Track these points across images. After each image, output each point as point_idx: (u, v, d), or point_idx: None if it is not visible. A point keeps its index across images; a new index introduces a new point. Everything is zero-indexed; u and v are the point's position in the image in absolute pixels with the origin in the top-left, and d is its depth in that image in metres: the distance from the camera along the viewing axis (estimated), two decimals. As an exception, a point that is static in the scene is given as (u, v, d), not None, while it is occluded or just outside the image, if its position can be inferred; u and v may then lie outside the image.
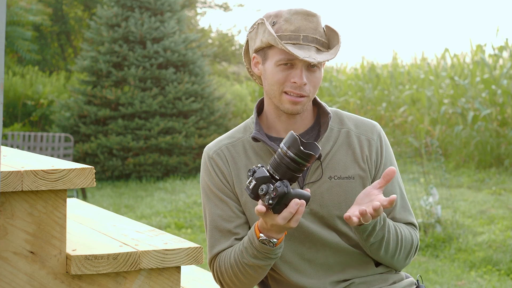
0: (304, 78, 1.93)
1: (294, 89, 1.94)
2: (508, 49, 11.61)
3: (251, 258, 1.91)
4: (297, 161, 1.74)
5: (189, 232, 7.11)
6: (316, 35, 1.95)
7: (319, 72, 1.97)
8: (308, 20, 1.95)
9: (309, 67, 1.94)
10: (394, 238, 1.98)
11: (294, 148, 1.74)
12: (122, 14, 11.35)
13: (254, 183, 1.77)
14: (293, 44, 1.92)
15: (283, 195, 1.74)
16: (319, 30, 1.96)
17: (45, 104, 13.37)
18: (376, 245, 1.96)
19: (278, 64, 1.94)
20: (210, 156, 2.06)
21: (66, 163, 1.81)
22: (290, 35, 1.93)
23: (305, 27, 1.94)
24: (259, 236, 1.87)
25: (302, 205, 1.76)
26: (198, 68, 11.55)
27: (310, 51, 1.92)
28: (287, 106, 1.97)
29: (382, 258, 2.01)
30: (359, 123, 2.09)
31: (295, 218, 1.77)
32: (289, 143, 1.75)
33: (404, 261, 2.05)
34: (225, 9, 21.27)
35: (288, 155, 1.75)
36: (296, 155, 1.74)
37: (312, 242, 2.01)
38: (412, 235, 2.05)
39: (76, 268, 1.71)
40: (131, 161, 10.76)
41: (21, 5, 14.15)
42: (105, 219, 2.27)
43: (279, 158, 1.76)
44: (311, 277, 2.02)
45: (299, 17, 1.94)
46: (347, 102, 13.65)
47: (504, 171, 9.70)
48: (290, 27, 1.94)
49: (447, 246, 6.01)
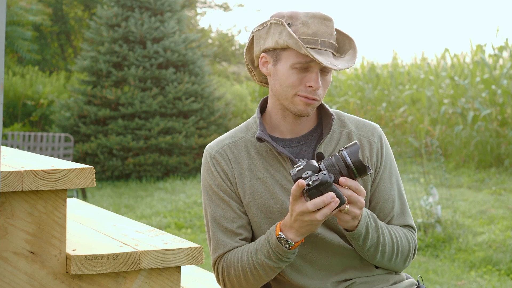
0: (319, 83, 1.93)
1: (308, 93, 1.94)
2: (508, 49, 11.61)
3: (264, 258, 1.91)
4: (351, 169, 1.81)
5: (189, 232, 7.11)
6: (332, 40, 1.95)
7: (329, 76, 1.98)
8: (324, 25, 1.94)
9: (324, 72, 1.95)
10: (390, 241, 1.99)
11: (353, 157, 1.80)
12: (122, 14, 11.35)
13: (301, 167, 1.81)
14: (311, 49, 1.91)
15: (324, 182, 1.78)
16: (334, 35, 1.97)
17: (45, 104, 13.37)
18: (372, 249, 1.96)
19: (294, 67, 1.93)
20: (212, 156, 2.05)
21: (66, 163, 1.81)
22: (308, 39, 1.92)
23: (322, 31, 1.93)
24: (278, 234, 1.87)
25: (335, 202, 1.77)
26: (198, 68, 11.55)
27: (328, 56, 1.92)
28: (300, 108, 1.96)
29: (380, 262, 2.02)
30: (360, 125, 2.09)
31: (323, 211, 1.78)
32: (351, 151, 1.81)
33: (402, 264, 2.06)
34: (225, 9, 21.27)
35: (346, 161, 1.81)
36: (353, 163, 1.81)
37: (314, 243, 2.01)
38: (409, 238, 2.05)
39: (76, 268, 1.71)
40: (131, 161, 10.77)
41: (21, 5, 14.15)
42: (105, 219, 2.26)
43: (335, 160, 1.82)
44: (312, 277, 2.03)
45: (316, 21, 1.93)
46: (347, 102, 13.65)
47: (504, 171, 9.71)
48: (308, 30, 1.92)
49: (447, 246, 6.01)
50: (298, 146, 2.03)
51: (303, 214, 1.80)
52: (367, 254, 1.98)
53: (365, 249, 1.96)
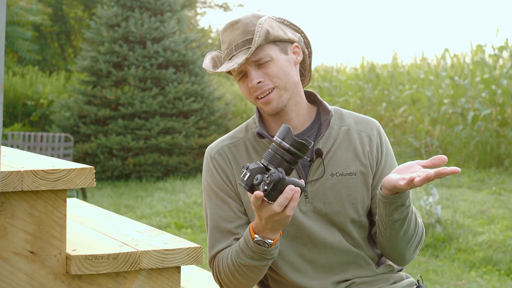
0: (254, 79, 1.96)
1: (255, 92, 1.98)
2: (508, 49, 11.61)
3: (247, 259, 1.91)
4: (292, 151, 1.76)
5: (189, 232, 7.11)
6: (247, 36, 1.97)
7: (272, 63, 1.97)
8: (234, 30, 1.98)
9: (259, 65, 1.97)
10: (414, 221, 1.99)
11: (289, 139, 1.76)
12: (122, 14, 11.35)
13: (249, 174, 1.78)
14: (229, 60, 1.97)
15: (278, 181, 1.75)
16: (249, 30, 1.97)
17: (45, 104, 13.37)
18: (399, 223, 1.95)
19: (237, 80, 2.01)
20: (212, 156, 2.07)
21: (66, 163, 1.81)
22: (227, 52, 1.99)
23: (233, 37, 1.98)
24: (253, 237, 1.87)
25: (297, 191, 1.76)
26: (198, 68, 11.55)
27: (239, 56, 1.95)
28: (265, 109, 2.00)
29: (400, 240, 1.99)
30: (359, 120, 2.10)
31: (290, 205, 1.77)
32: (283, 135, 1.77)
33: (414, 251, 2.05)
34: (225, 9, 21.27)
35: (282, 146, 1.77)
36: (291, 145, 1.76)
37: (314, 242, 2.02)
38: (422, 226, 2.06)
39: (76, 268, 1.71)
40: (131, 161, 10.77)
41: (21, 5, 14.15)
42: (105, 219, 2.27)
43: (273, 149, 1.78)
44: (312, 277, 2.03)
45: (227, 32, 2.00)
46: (347, 102, 13.65)
47: (504, 171, 9.70)
48: (225, 45, 2.00)
49: (447, 246, 6.01)
50: None
51: (272, 217, 1.80)
52: (391, 228, 1.96)
53: (392, 220, 1.93)
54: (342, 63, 16.65)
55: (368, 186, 2.04)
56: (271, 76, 1.96)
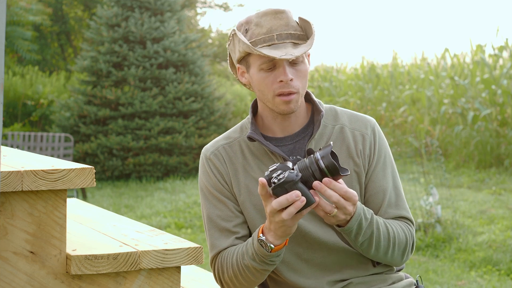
0: (289, 74, 1.93)
1: (283, 88, 1.95)
2: (508, 49, 11.61)
3: (249, 259, 1.91)
4: (324, 172, 1.78)
5: (189, 232, 7.11)
6: (289, 30, 1.95)
7: (303, 65, 1.97)
8: (277, 18, 1.96)
9: (292, 63, 1.95)
10: (385, 235, 1.97)
11: (327, 160, 1.78)
12: (122, 14, 11.35)
13: (275, 168, 1.80)
14: (268, 46, 1.93)
15: (290, 180, 1.76)
16: (292, 24, 1.97)
17: (45, 104, 13.37)
18: (366, 243, 1.95)
19: (261, 68, 1.96)
20: (207, 157, 2.07)
21: (66, 163, 1.81)
22: (264, 37, 1.94)
23: (276, 25, 1.95)
24: (259, 236, 1.87)
25: (301, 201, 1.76)
26: (198, 68, 11.55)
27: (286, 48, 1.93)
28: (282, 108, 1.97)
29: (375, 256, 2.00)
30: (354, 119, 2.09)
31: (289, 210, 1.77)
32: (324, 153, 1.79)
33: (401, 259, 2.04)
34: (225, 9, 21.27)
35: (319, 164, 1.78)
36: (326, 166, 1.78)
37: (309, 242, 2.01)
38: (405, 231, 2.03)
39: (76, 268, 1.71)
40: (131, 161, 10.77)
41: (21, 5, 14.15)
42: (105, 219, 2.27)
43: (309, 162, 1.79)
44: (308, 277, 2.03)
45: (268, 18, 1.96)
46: (347, 102, 13.66)
47: (504, 171, 9.71)
48: (262, 30, 1.95)
49: (447, 246, 6.01)
50: (291, 144, 2.04)
51: (273, 215, 1.80)
52: (361, 249, 1.98)
53: (357, 244, 1.95)
54: (342, 63, 16.66)
55: (362, 185, 2.04)
56: (299, 78, 1.96)
